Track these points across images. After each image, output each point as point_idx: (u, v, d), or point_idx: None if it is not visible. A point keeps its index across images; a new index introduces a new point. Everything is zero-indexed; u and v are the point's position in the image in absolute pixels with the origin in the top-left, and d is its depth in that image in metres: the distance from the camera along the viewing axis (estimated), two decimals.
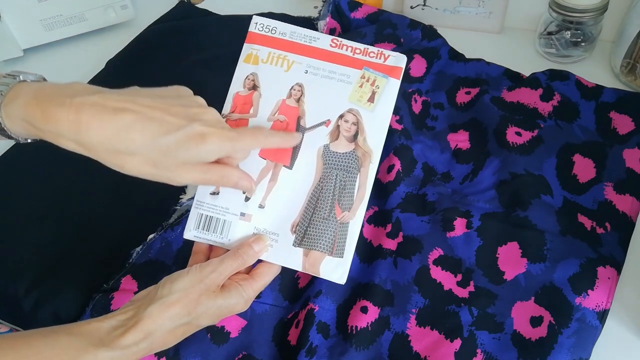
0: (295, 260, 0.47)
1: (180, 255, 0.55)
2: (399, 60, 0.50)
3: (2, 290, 0.55)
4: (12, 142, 0.66)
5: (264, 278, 0.47)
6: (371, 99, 0.49)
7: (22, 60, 0.80)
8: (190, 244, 0.52)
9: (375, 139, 0.49)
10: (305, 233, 0.48)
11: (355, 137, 0.49)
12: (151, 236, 0.56)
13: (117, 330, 0.41)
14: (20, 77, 0.43)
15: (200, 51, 0.76)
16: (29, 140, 0.45)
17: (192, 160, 0.42)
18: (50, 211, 0.60)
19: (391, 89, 0.49)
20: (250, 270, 0.48)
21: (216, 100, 0.50)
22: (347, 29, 0.77)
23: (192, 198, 0.59)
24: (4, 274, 0.55)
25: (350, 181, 0.48)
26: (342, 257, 0.47)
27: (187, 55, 0.76)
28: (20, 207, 0.61)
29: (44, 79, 0.45)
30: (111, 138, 0.40)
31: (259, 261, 0.48)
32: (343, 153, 0.48)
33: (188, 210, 0.58)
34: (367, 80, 0.49)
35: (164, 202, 0.59)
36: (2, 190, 0.63)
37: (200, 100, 0.46)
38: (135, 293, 0.52)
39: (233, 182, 0.46)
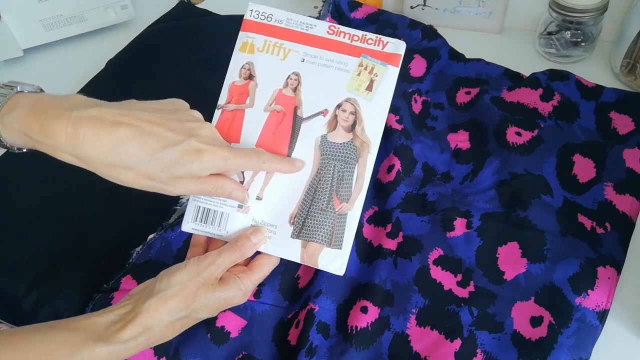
0: (293, 251, 0.47)
1: (180, 255, 0.55)
2: (398, 47, 0.49)
3: (2, 290, 0.55)
4: None
5: (263, 270, 0.47)
6: (369, 88, 0.48)
7: (22, 60, 0.80)
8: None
9: (373, 129, 0.48)
10: (303, 224, 0.47)
11: (353, 126, 0.48)
12: (151, 236, 0.56)
13: (115, 325, 0.41)
14: (18, 87, 0.43)
15: (200, 51, 0.76)
16: (24, 150, 0.45)
17: (187, 175, 0.43)
18: (50, 211, 0.60)
19: (390, 77, 0.48)
20: (248, 262, 0.48)
21: (216, 99, 0.50)
22: None
23: None
24: (4, 274, 0.55)
25: (349, 172, 0.48)
26: (340, 248, 0.47)
27: (187, 55, 0.76)
28: (20, 207, 0.61)
29: (41, 90, 0.45)
30: (108, 152, 0.41)
31: (258, 253, 0.48)
32: (341, 143, 0.48)
33: None
34: (365, 68, 0.48)
35: (164, 202, 0.59)
36: (2, 190, 0.63)
37: (197, 114, 0.46)
38: None
39: (227, 192, 0.46)
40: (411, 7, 0.80)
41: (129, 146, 0.41)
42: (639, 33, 0.65)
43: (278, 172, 0.48)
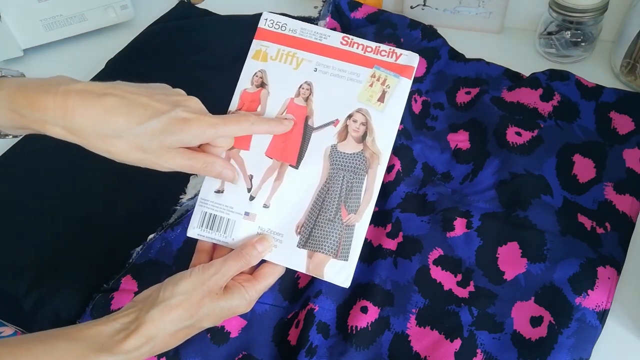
0: (299, 261, 0.47)
1: (180, 255, 0.55)
2: (411, 59, 0.49)
3: (2, 290, 0.55)
4: (11, 142, 0.67)
5: (268, 279, 0.46)
6: (381, 99, 0.48)
7: (22, 60, 0.80)
8: (190, 244, 0.52)
9: (384, 140, 0.48)
10: (310, 234, 0.47)
11: (363, 137, 0.48)
12: (151, 236, 0.56)
13: (118, 335, 0.41)
14: (2, 72, 0.44)
15: (200, 51, 0.76)
16: (10, 136, 0.45)
17: (176, 144, 0.43)
18: (50, 211, 0.60)
19: (402, 89, 0.48)
20: (253, 270, 0.47)
21: (216, 99, 0.50)
22: (347, 29, 0.77)
23: (192, 198, 0.59)
24: (4, 274, 0.55)
25: (358, 183, 0.47)
26: (346, 260, 0.47)
27: (187, 55, 0.76)
28: (20, 208, 0.61)
29: (24, 76, 0.46)
30: (97, 121, 0.41)
31: (263, 261, 0.47)
32: (351, 154, 0.48)
33: (188, 210, 0.58)
34: (378, 80, 0.48)
35: (164, 202, 0.59)
36: (1, 190, 0.63)
37: (181, 91, 0.47)
38: (136, 293, 0.52)
39: (217, 171, 0.46)
40: (411, 7, 0.81)
41: (117, 115, 0.41)
42: (639, 33, 0.65)
43: (267, 133, 0.48)
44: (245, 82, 0.50)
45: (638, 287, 0.52)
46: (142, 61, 0.76)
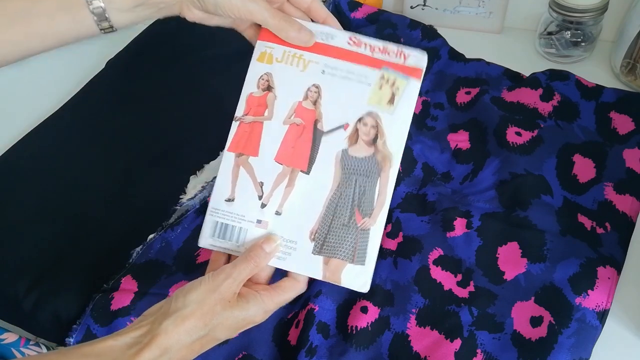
0: (315, 268, 0.46)
1: (180, 255, 0.55)
2: (419, 60, 0.48)
3: (2, 290, 0.55)
4: (11, 142, 0.67)
5: (288, 293, 0.46)
6: (391, 101, 0.47)
7: (22, 59, 0.80)
8: (190, 244, 0.52)
9: (395, 143, 0.47)
10: (324, 240, 0.46)
11: (374, 140, 0.47)
12: (151, 236, 0.56)
13: (132, 349, 0.40)
14: None
15: (200, 51, 0.76)
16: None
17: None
18: (50, 211, 0.60)
19: (412, 90, 0.47)
20: (268, 282, 0.47)
21: (216, 99, 0.50)
22: (346, 29, 0.76)
23: (192, 198, 0.59)
24: (4, 274, 0.55)
25: (370, 186, 0.47)
26: (363, 264, 0.46)
27: (187, 56, 0.76)
28: (20, 208, 0.61)
29: None
30: None
31: (284, 275, 0.47)
32: (362, 157, 0.47)
33: (188, 210, 0.58)
34: (387, 82, 0.47)
35: (164, 202, 0.59)
36: (2, 190, 0.63)
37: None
38: (136, 293, 0.52)
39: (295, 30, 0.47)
40: (411, 7, 0.81)
41: None
42: (639, 33, 0.65)
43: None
44: (251, 86, 0.48)
45: (638, 287, 0.52)
46: (142, 61, 0.76)
